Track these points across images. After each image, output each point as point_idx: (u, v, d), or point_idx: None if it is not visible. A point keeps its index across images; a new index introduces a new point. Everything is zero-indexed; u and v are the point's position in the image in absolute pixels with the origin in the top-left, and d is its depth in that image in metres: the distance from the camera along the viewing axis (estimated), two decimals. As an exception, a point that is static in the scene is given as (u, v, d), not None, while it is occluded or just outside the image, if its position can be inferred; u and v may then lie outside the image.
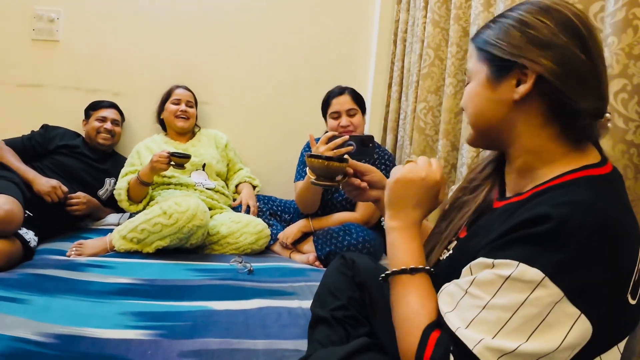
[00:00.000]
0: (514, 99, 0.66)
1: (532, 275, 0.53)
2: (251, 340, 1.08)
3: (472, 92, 0.71)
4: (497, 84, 0.67)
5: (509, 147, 0.70)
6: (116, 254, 1.62)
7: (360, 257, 1.07)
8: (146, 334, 1.08)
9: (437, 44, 1.94)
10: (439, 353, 0.59)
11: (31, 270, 1.41)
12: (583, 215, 0.54)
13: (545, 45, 0.63)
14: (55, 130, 2.06)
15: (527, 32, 0.64)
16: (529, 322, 0.53)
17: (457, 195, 0.84)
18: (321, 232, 1.73)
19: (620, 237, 0.55)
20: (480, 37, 0.71)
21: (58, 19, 2.25)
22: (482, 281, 0.58)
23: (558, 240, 0.54)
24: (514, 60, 0.64)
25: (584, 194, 0.58)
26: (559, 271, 0.53)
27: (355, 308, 0.98)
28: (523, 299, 0.54)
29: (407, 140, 2.10)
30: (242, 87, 2.41)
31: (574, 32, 0.62)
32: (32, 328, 1.07)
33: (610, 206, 0.56)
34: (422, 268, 0.70)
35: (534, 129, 0.66)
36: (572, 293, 0.52)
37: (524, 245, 0.56)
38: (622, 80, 1.00)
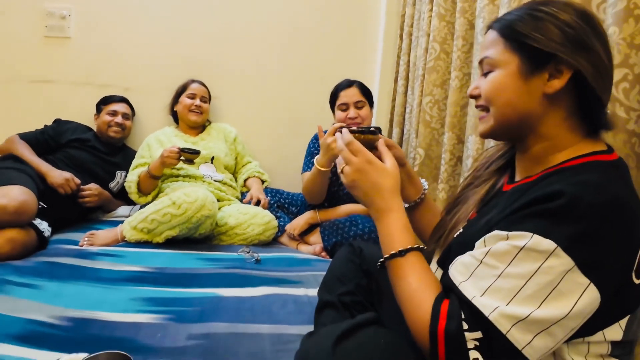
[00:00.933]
0: (545, 92, 0.67)
1: (546, 245, 0.56)
2: (257, 325, 1.11)
3: (500, 81, 0.70)
4: (529, 75, 0.68)
5: (527, 136, 0.72)
6: (127, 244, 1.66)
7: (367, 245, 1.09)
8: (156, 317, 1.11)
9: (442, 37, 1.95)
10: (453, 324, 0.60)
11: (45, 259, 1.45)
12: (595, 193, 0.57)
13: (582, 46, 0.65)
14: (67, 124, 2.11)
15: (565, 30, 0.65)
16: (542, 289, 0.56)
17: (463, 190, 0.86)
18: (328, 224, 1.75)
19: (628, 218, 0.58)
20: (511, 27, 0.70)
21: (69, 16, 2.29)
22: (498, 252, 0.60)
23: (571, 215, 0.56)
24: (553, 54, 0.66)
25: (595, 175, 0.61)
26: (571, 243, 0.56)
27: (362, 294, 1.00)
28: (536, 268, 0.56)
29: (413, 133, 2.11)
30: (251, 81, 2.43)
31: (602, 38, 0.67)
32: (46, 312, 1.11)
33: (619, 188, 0.60)
34: (410, 248, 0.71)
35: (557, 121, 0.69)
36: (582, 263, 0.55)
37: (538, 219, 0.59)
38: (623, 69, 1.00)
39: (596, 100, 0.67)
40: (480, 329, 0.58)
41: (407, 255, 0.71)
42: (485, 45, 0.74)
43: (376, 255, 1.06)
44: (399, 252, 0.71)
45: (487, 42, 0.74)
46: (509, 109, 0.71)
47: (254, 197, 1.95)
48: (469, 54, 1.79)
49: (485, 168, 0.85)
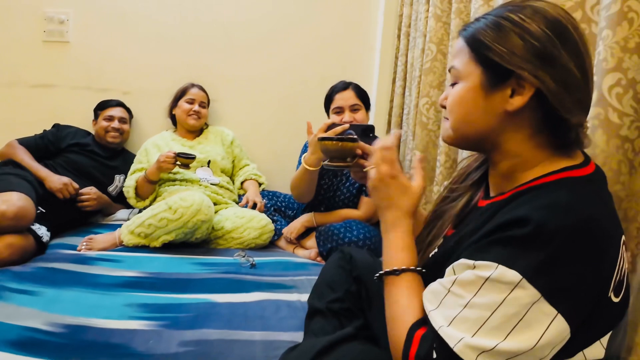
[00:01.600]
0: (506, 109, 0.64)
1: (511, 276, 0.55)
2: (249, 332, 1.12)
3: (460, 95, 0.68)
4: (490, 91, 0.65)
5: (492, 152, 0.70)
6: (125, 249, 1.68)
7: (358, 251, 1.09)
8: (150, 324, 1.13)
9: (439, 38, 1.94)
10: (423, 350, 0.60)
11: (43, 264, 1.47)
12: (562, 217, 0.55)
13: (547, 60, 0.61)
14: (66, 129, 2.13)
15: (530, 42, 0.61)
16: (507, 321, 0.55)
17: (439, 204, 0.86)
18: (323, 229, 1.75)
19: (599, 239, 0.56)
20: (475, 36, 0.67)
21: (68, 21, 2.31)
22: (464, 281, 0.60)
23: (536, 243, 0.55)
24: (513, 70, 0.62)
25: (563, 195, 0.58)
26: (537, 273, 0.54)
27: (351, 301, 1.01)
28: (502, 299, 0.55)
29: (411, 135, 2.11)
30: (249, 84, 2.44)
31: (574, 49, 0.62)
32: (42, 318, 1.12)
33: (590, 207, 0.57)
34: (408, 269, 0.72)
35: (521, 138, 0.66)
36: (549, 293, 0.54)
37: (503, 247, 0.57)
38: (616, 74, 0.99)
39: (559, 118, 0.62)
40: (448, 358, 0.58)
41: (402, 275, 0.71)
42: (453, 53, 0.72)
43: (367, 261, 1.07)
44: (393, 271, 0.72)
45: (455, 49, 0.72)
46: (465, 125, 0.69)
47: (250, 200, 1.95)
48: (465, 56, 1.79)
49: (461, 181, 0.84)
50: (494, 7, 0.71)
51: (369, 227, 1.74)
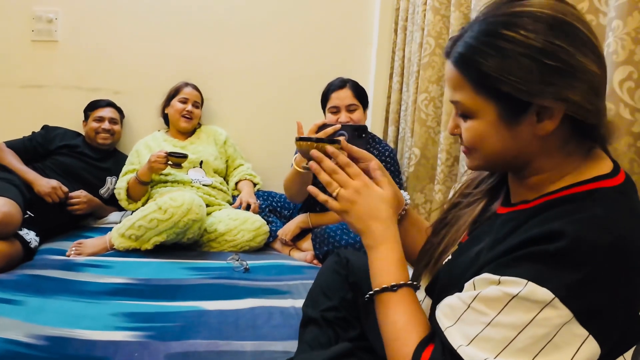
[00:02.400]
0: (537, 134, 0.58)
1: (542, 295, 0.50)
2: (240, 342, 1.07)
3: (482, 132, 0.60)
4: (514, 122, 0.58)
5: (519, 170, 0.65)
6: (115, 253, 1.63)
7: (355, 255, 1.05)
8: (135, 335, 1.08)
9: (437, 32, 1.88)
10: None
11: (29, 271, 1.42)
12: (599, 234, 0.51)
13: (566, 73, 0.54)
14: (55, 130, 2.08)
15: (544, 62, 0.54)
16: (535, 342, 0.51)
17: (451, 210, 0.80)
18: (319, 231, 1.70)
19: (635, 258, 0.52)
20: (475, 67, 0.57)
21: (56, 19, 2.25)
22: (488, 297, 0.54)
23: (571, 260, 0.50)
24: (531, 100, 0.55)
25: (598, 210, 0.54)
26: (570, 292, 0.50)
27: (347, 309, 0.96)
28: (530, 318, 0.51)
29: (409, 132, 2.05)
30: (243, 82, 2.38)
31: (589, 46, 0.55)
32: (24, 330, 1.08)
33: (626, 224, 0.53)
34: (402, 284, 0.66)
35: (550, 151, 0.60)
36: (582, 315, 0.50)
37: (534, 263, 0.52)
38: (627, 67, 0.94)
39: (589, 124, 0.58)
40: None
41: (399, 291, 0.66)
42: (449, 83, 0.63)
43: (364, 266, 1.01)
44: (390, 287, 0.66)
45: (449, 78, 0.62)
46: (497, 155, 0.62)
47: (243, 201, 1.91)
48: (465, 49, 1.73)
49: (475, 186, 0.78)
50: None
51: (366, 228, 1.69)
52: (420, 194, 1.95)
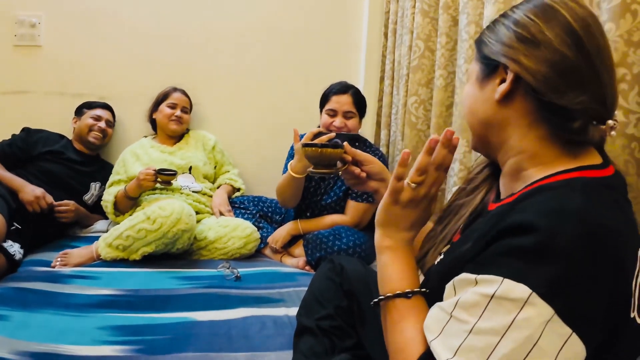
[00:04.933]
0: (497, 99, 0.64)
1: (519, 292, 0.49)
2: (233, 354, 1.04)
3: (466, 92, 0.71)
4: (484, 83, 0.67)
5: (500, 150, 0.67)
6: (102, 263, 1.59)
7: (349, 261, 1.03)
8: (123, 349, 1.05)
9: (427, 34, 1.88)
10: None
11: (14, 284, 1.38)
12: (574, 225, 0.49)
13: (531, 43, 0.60)
14: (37, 133, 2.01)
15: (515, 30, 0.62)
16: (519, 346, 0.48)
17: (455, 198, 0.80)
18: (311, 237, 1.67)
19: (616, 250, 0.50)
20: (479, 36, 0.70)
21: (39, 24, 2.20)
22: (466, 303, 0.53)
23: (546, 254, 0.49)
24: (496, 59, 0.64)
25: (577, 199, 0.52)
26: (548, 287, 0.48)
27: (342, 317, 0.95)
28: (510, 321, 0.49)
29: (400, 135, 2.04)
30: (231, 86, 2.35)
31: (566, 29, 0.58)
32: (8, 346, 1.04)
33: (606, 214, 0.51)
34: (417, 291, 0.66)
35: (522, 130, 0.63)
36: (563, 311, 0.48)
37: (508, 258, 0.51)
38: (621, 69, 0.94)
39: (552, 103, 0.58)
40: None
41: (412, 298, 0.65)
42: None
43: (359, 273, 1.00)
44: (405, 293, 0.65)
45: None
46: (471, 117, 0.70)
47: (215, 211, 1.90)
48: (453, 52, 1.72)
49: (478, 172, 0.79)
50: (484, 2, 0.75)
51: (358, 233, 1.67)
52: (411, 197, 1.94)
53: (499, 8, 1.30)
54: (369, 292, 0.97)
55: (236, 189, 2.15)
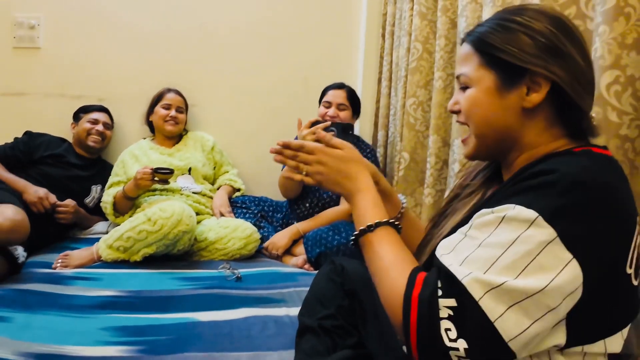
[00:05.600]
0: (524, 106, 0.65)
1: (527, 214, 0.54)
2: (235, 353, 1.05)
3: (476, 99, 0.68)
4: (506, 91, 0.66)
5: (511, 151, 0.70)
6: (103, 265, 1.60)
7: (350, 262, 1.05)
8: (126, 350, 1.05)
9: (424, 36, 1.89)
10: (427, 290, 0.57)
11: (15, 286, 1.38)
12: (588, 175, 0.56)
13: (555, 54, 0.63)
14: (39, 137, 2.02)
15: (537, 39, 0.64)
16: (519, 259, 0.53)
17: (449, 202, 0.82)
18: (311, 234, 1.71)
19: (619, 204, 0.56)
20: (483, 40, 0.68)
21: (38, 26, 2.21)
22: (480, 223, 0.59)
23: (558, 189, 0.54)
24: (527, 68, 0.64)
25: (585, 161, 0.59)
26: (555, 213, 0.53)
27: (344, 317, 0.96)
28: (516, 236, 0.54)
29: (398, 136, 2.06)
30: (229, 88, 2.36)
31: (576, 40, 0.65)
32: (11, 348, 1.04)
33: (611, 175, 0.58)
34: (378, 222, 0.69)
35: (538, 130, 0.67)
36: (565, 236, 0.52)
37: (524, 193, 0.57)
38: (614, 71, 0.96)
39: (576, 108, 0.65)
40: (454, 296, 0.55)
41: (376, 230, 0.69)
42: (460, 60, 0.72)
43: (360, 273, 1.01)
44: (367, 227, 0.69)
45: (461, 56, 0.72)
46: (487, 127, 0.69)
47: (215, 212, 1.91)
48: (452, 54, 1.74)
49: (472, 178, 0.81)
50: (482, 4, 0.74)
51: (357, 227, 1.72)
52: (410, 197, 1.95)
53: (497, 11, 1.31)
54: (370, 292, 0.98)
55: (236, 190, 2.16)
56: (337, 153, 0.77)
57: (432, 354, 0.55)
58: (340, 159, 0.76)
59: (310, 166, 0.77)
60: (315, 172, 0.77)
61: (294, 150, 0.78)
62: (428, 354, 0.56)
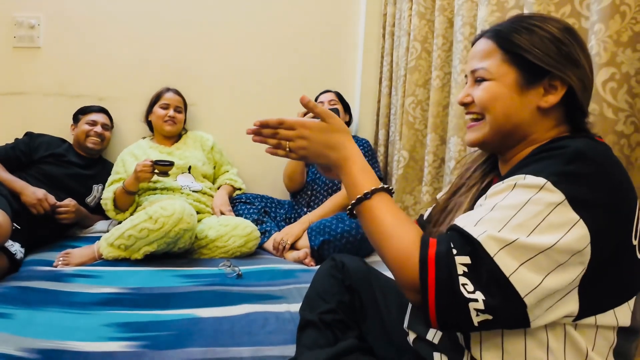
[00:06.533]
0: (540, 105, 0.70)
1: (537, 181, 0.59)
2: (237, 348, 1.06)
3: (497, 93, 0.72)
4: (526, 89, 0.70)
5: (518, 144, 0.73)
6: (104, 262, 1.60)
7: (351, 259, 1.06)
8: (129, 345, 1.06)
9: (423, 36, 1.91)
10: (443, 247, 0.59)
11: (16, 283, 1.39)
12: (592, 149, 0.61)
13: (573, 62, 0.69)
14: (40, 138, 2.03)
15: (560, 47, 0.69)
16: (531, 218, 0.57)
17: (448, 200, 0.84)
18: (315, 224, 1.76)
19: (622, 176, 0.62)
20: (509, 39, 0.71)
21: (38, 25, 2.21)
22: (493, 191, 0.64)
23: (565, 157, 0.60)
24: (549, 71, 0.69)
25: (589, 140, 0.65)
26: (562, 179, 0.58)
27: (344, 312, 0.98)
28: (527, 199, 0.58)
29: (398, 135, 2.07)
30: (228, 87, 2.37)
31: (585, 51, 0.71)
32: (15, 343, 1.05)
33: (613, 158, 0.64)
34: (374, 189, 0.70)
35: (547, 127, 0.72)
36: (573, 199, 0.57)
37: (533, 164, 0.62)
38: (610, 69, 0.98)
39: (581, 110, 0.71)
40: (469, 253, 0.57)
41: (373, 197, 0.69)
42: (478, 55, 0.74)
43: (360, 269, 1.03)
44: (364, 195, 0.69)
45: (480, 51, 0.74)
46: (506, 119, 0.72)
47: (215, 211, 1.92)
48: (449, 53, 1.76)
49: (471, 173, 0.83)
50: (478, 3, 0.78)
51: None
52: (409, 195, 1.97)
53: (492, 10, 1.33)
54: (370, 287, 1.00)
55: (237, 189, 2.17)
56: (318, 125, 0.75)
57: (451, 309, 0.57)
58: (322, 130, 0.75)
59: (292, 142, 0.76)
60: (298, 147, 0.75)
61: (273, 128, 0.77)
62: (447, 310, 0.57)
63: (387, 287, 0.99)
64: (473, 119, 0.76)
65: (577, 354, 0.61)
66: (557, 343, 0.61)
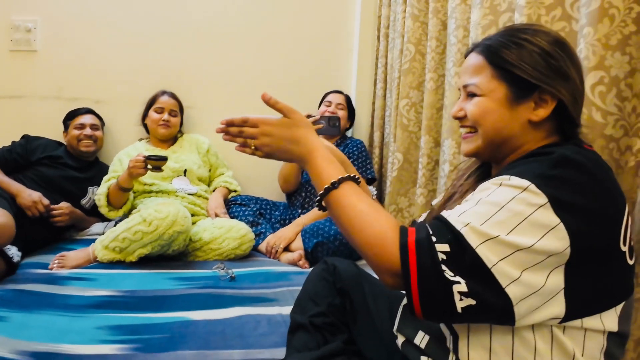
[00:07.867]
0: (531, 119, 0.71)
1: (521, 182, 0.60)
2: (228, 351, 1.07)
3: (488, 108, 0.73)
4: (516, 104, 0.71)
5: (510, 155, 0.74)
6: (99, 265, 1.61)
7: (342, 262, 1.07)
8: (122, 348, 1.07)
9: (417, 38, 1.92)
10: (423, 233, 0.60)
11: (12, 286, 1.40)
12: (579, 155, 0.62)
13: (562, 76, 0.69)
14: (37, 140, 2.04)
15: (550, 61, 0.69)
16: (512, 217, 0.58)
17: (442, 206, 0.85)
18: (308, 227, 1.77)
19: (609, 183, 0.63)
20: (498, 54, 0.72)
21: (35, 29, 2.22)
22: (479, 189, 0.65)
23: (551, 162, 0.61)
24: (538, 85, 0.69)
25: (577, 148, 0.66)
26: (546, 182, 0.59)
27: (334, 315, 0.98)
28: (511, 197, 0.59)
29: (392, 137, 2.08)
30: (224, 90, 2.38)
31: (576, 63, 0.71)
32: (9, 346, 1.06)
33: (603, 165, 0.65)
34: (341, 178, 0.70)
35: (538, 140, 0.73)
36: (555, 202, 0.58)
37: (519, 167, 0.64)
38: (599, 72, 0.98)
39: (572, 122, 0.72)
40: (449, 241, 0.58)
41: (340, 186, 0.69)
42: (469, 70, 0.75)
43: (351, 273, 1.04)
44: (331, 185, 0.69)
45: (471, 66, 0.75)
46: (495, 132, 0.73)
47: (210, 213, 1.93)
48: (443, 55, 1.76)
49: (465, 179, 0.85)
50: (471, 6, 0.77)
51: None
52: (404, 197, 1.98)
53: (485, 13, 1.33)
54: (361, 290, 1.01)
55: (232, 191, 2.18)
56: (279, 121, 0.76)
57: (435, 293, 0.57)
58: (284, 125, 0.76)
59: (257, 140, 0.76)
60: (262, 144, 0.76)
61: (239, 126, 0.77)
62: (431, 294, 0.58)
63: (378, 290, 1.00)
64: (467, 131, 0.77)
65: (565, 357, 0.62)
66: (545, 345, 0.62)
